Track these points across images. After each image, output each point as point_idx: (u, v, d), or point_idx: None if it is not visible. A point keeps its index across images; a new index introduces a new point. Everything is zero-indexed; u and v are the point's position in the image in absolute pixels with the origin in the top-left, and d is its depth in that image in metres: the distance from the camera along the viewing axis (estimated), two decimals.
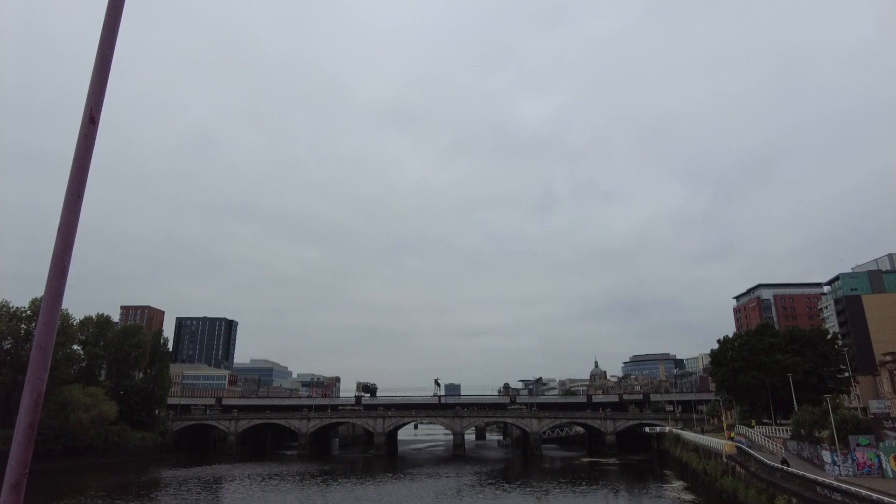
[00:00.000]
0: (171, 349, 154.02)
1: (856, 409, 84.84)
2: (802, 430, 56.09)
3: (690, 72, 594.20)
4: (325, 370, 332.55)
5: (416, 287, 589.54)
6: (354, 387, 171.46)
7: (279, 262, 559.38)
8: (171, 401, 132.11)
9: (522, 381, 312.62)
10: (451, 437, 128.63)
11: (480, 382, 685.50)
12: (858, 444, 45.24)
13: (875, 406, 73.54)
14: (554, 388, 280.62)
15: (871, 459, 43.92)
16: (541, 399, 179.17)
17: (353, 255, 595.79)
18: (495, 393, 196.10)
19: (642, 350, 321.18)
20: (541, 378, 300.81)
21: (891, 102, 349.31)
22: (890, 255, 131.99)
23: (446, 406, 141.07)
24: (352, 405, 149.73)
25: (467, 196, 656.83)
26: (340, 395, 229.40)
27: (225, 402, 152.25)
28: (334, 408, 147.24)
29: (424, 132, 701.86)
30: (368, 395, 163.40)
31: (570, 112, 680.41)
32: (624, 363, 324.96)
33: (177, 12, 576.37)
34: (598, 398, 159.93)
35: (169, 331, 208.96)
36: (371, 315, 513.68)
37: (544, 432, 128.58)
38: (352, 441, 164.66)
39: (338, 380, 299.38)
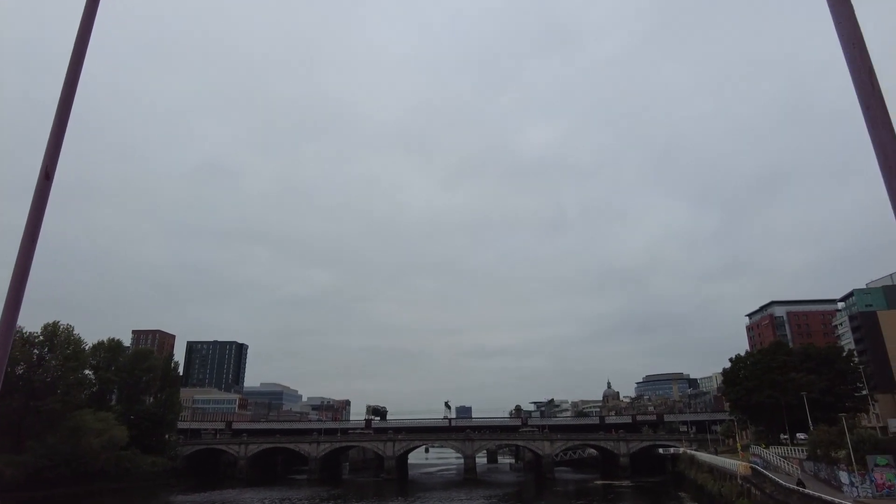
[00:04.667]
0: (181, 373, 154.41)
1: (874, 428, 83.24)
2: (819, 451, 55.11)
3: (696, 92, 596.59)
4: (336, 393, 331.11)
5: (427, 309, 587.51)
6: (364, 410, 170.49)
7: (290, 285, 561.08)
8: (181, 425, 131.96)
9: (534, 402, 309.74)
10: (462, 461, 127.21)
11: (492, 405, 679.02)
12: (877, 465, 44.36)
13: (894, 425, 72.11)
14: (566, 410, 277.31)
15: (890, 480, 42.99)
16: (553, 421, 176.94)
17: (364, 277, 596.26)
18: (507, 415, 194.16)
19: (655, 370, 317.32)
20: (553, 399, 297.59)
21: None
22: None
23: (457, 429, 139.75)
24: (362, 429, 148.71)
25: (477, 217, 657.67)
26: (350, 418, 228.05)
27: (235, 426, 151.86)
28: (344, 431, 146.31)
29: (432, 155, 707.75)
30: (378, 418, 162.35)
31: (577, 133, 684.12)
32: (637, 383, 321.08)
33: (191, 43, 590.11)
34: (611, 419, 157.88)
35: (180, 355, 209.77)
36: (382, 337, 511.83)
37: (557, 455, 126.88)
38: (362, 465, 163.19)
39: (348, 403, 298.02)
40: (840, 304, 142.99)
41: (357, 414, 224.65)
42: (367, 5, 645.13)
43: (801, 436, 78.29)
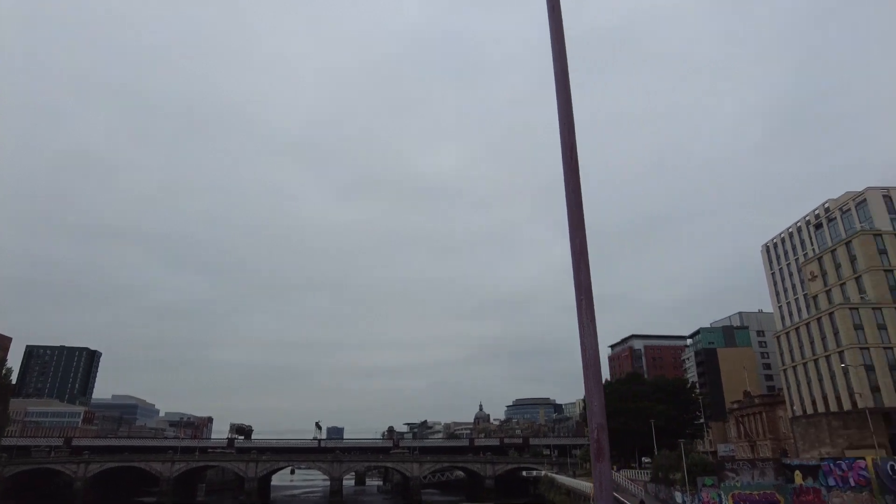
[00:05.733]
0: (13, 381, 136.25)
1: (706, 453, 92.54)
2: (660, 473, 60.31)
3: (581, 138, 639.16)
4: (199, 410, 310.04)
5: (309, 325, 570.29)
6: (228, 428, 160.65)
7: (160, 291, 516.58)
8: (6, 441, 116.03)
9: (408, 423, 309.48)
10: (328, 483, 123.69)
11: (369, 426, 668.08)
12: (704, 485, 49.47)
13: (722, 450, 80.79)
14: (439, 432, 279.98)
15: (713, 498, 48.12)
16: (424, 443, 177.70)
17: (245, 288, 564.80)
18: (379, 437, 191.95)
19: (526, 394, 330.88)
20: (426, 421, 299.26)
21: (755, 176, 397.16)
22: (740, 314, 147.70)
23: (326, 450, 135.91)
24: (223, 447, 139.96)
25: (372, 235, 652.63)
26: (212, 436, 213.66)
27: (76, 442, 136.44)
28: (203, 450, 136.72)
29: (328, 169, 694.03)
30: (242, 437, 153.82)
31: (475, 163, 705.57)
32: (507, 406, 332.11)
33: (68, 14, 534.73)
34: (481, 441, 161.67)
35: (15, 360, 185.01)
36: (258, 352, 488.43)
37: (425, 476, 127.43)
38: (221, 486, 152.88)
39: (210, 420, 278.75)
40: (689, 341, 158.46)
41: (220, 432, 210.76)
42: (279, 16, 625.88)
43: (646, 460, 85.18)
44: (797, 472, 48.91)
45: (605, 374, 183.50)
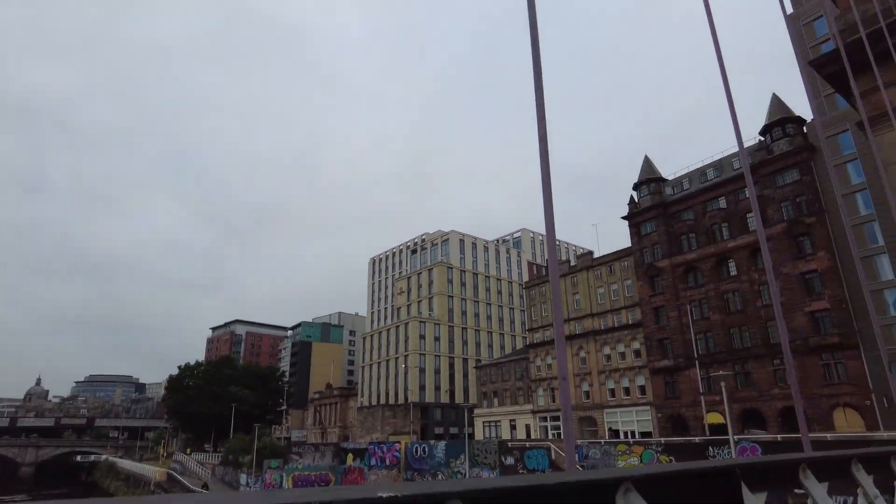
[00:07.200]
0: None
1: (282, 438, 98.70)
2: (231, 456, 61.56)
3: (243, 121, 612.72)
4: None
5: None
6: None
7: None
8: None
9: None
10: None
11: None
12: (270, 467, 52.84)
13: (295, 435, 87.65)
14: None
15: (276, 479, 51.82)
16: None
17: None
18: None
19: (107, 371, 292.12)
20: None
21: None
22: (339, 313, 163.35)
23: None
24: None
25: None
26: None
27: None
28: None
29: None
30: None
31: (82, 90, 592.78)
32: (77, 383, 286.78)
33: None
34: (28, 422, 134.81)
35: None
36: None
37: None
38: None
39: None
40: (289, 332, 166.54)
41: None
42: None
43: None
44: (350, 454, 56.97)
45: (202, 355, 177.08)
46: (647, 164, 65.56)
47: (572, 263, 74.59)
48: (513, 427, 74.26)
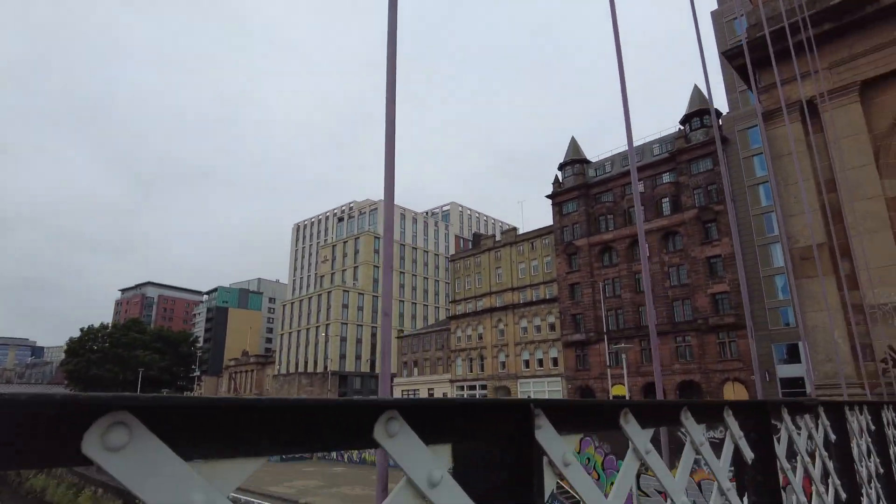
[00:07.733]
0: None
1: None
2: None
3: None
4: None
5: None
6: None
7: None
8: None
9: None
10: None
11: None
12: None
13: None
14: None
15: None
16: None
17: None
18: None
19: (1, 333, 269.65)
20: None
21: None
22: (259, 279, 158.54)
23: None
24: None
25: None
26: None
27: None
28: None
29: None
30: None
31: None
32: None
33: None
34: None
35: None
36: None
37: None
38: None
39: None
40: (205, 297, 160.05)
41: None
42: None
43: None
44: None
45: (109, 318, 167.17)
46: (574, 146, 67.16)
47: (497, 238, 75.83)
48: (431, 395, 75.48)
